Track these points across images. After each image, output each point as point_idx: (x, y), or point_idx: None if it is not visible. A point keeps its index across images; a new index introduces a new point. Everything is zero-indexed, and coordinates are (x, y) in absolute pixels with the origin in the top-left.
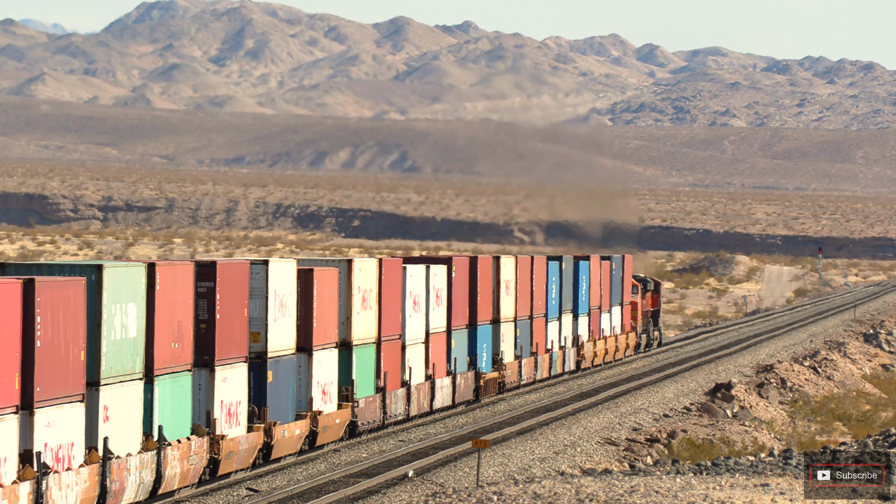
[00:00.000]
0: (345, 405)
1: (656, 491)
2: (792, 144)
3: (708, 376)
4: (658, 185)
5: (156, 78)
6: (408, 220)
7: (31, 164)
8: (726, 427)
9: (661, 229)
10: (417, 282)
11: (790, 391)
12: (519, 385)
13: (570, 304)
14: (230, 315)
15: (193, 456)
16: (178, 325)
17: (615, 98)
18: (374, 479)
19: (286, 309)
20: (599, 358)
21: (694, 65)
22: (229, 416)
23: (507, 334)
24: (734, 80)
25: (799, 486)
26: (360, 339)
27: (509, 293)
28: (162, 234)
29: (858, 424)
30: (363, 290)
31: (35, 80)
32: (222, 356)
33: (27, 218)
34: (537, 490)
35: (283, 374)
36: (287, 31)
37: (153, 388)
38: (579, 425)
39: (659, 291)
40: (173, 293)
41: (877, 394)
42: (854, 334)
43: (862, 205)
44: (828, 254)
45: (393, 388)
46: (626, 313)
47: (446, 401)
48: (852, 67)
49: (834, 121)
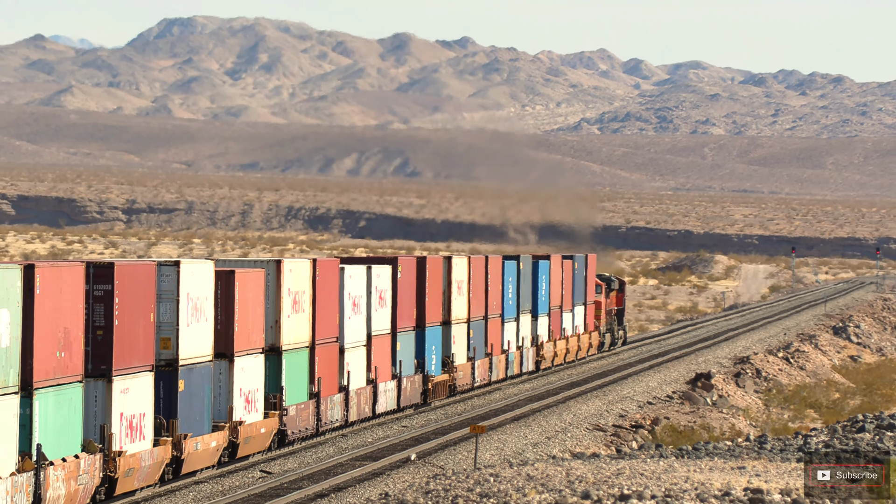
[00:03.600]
0: (272, 414)
1: (641, 473)
2: (767, 151)
3: (689, 367)
4: (643, 189)
5: (176, 90)
6: (410, 221)
7: (61, 169)
8: (706, 414)
9: (645, 230)
10: (357, 283)
11: (765, 381)
12: (472, 387)
13: (528, 304)
14: (132, 320)
15: (83, 475)
16: (64, 333)
17: (603, 108)
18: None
19: (201, 313)
20: (560, 358)
21: (676, 77)
22: (131, 430)
23: (460, 336)
24: (714, 91)
25: (773, 468)
26: (291, 344)
27: (462, 294)
28: (182, 235)
29: (828, 412)
30: (294, 293)
31: (64, 92)
32: (122, 365)
33: (57, 219)
34: (531, 472)
35: (198, 383)
36: (298, 46)
37: (32, 403)
38: (570, 412)
39: (624, 291)
40: (58, 297)
41: (845, 383)
42: (824, 328)
43: (832, 208)
44: (800, 253)
45: (329, 394)
46: (589, 313)
47: (391, 405)
48: (823, 80)
49: (806, 130)
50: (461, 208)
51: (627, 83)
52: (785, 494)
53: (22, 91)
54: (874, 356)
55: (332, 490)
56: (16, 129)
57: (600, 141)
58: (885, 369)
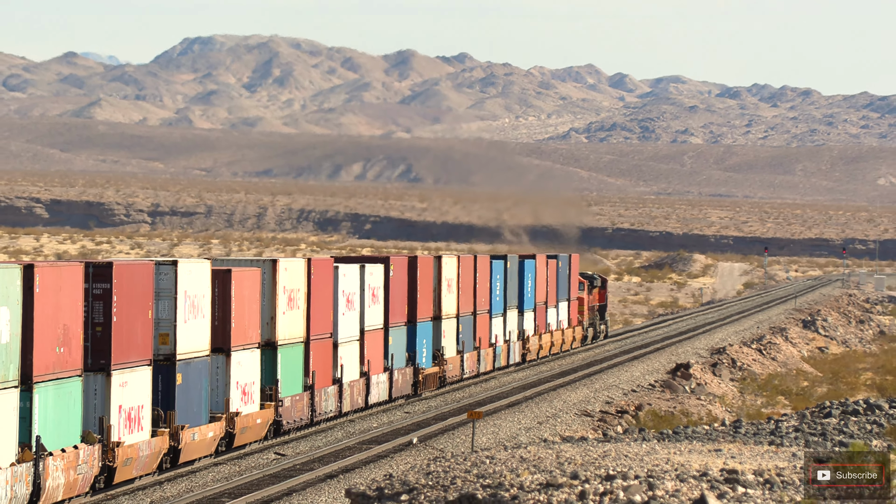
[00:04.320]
0: (267, 405)
1: (625, 455)
2: (741, 159)
3: (669, 357)
4: (627, 193)
5: (196, 102)
6: (412, 223)
7: (91, 176)
8: (685, 401)
9: (629, 231)
10: (351, 281)
11: (739, 370)
12: (461, 378)
13: (515, 300)
14: (130, 317)
15: (82, 465)
16: (63, 329)
17: (590, 119)
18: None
19: (199, 310)
20: (545, 350)
21: (658, 90)
22: (129, 422)
23: (449, 330)
24: (692, 103)
25: (747, 450)
26: (287, 339)
27: (451, 291)
28: (202, 236)
29: (798, 398)
30: (290, 290)
31: (93, 105)
32: (121, 360)
33: (87, 222)
34: (524, 455)
35: (195, 376)
36: (309, 61)
37: (31, 396)
38: (560, 399)
39: (605, 288)
40: (57, 296)
41: (813, 372)
42: (794, 321)
43: (801, 211)
44: (772, 252)
45: (323, 386)
46: (573, 308)
47: (382, 396)
48: (793, 93)
49: (777, 139)
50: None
51: (613, 96)
52: (758, 475)
53: (55, 104)
54: (840, 347)
55: (340, 471)
56: (49, 138)
57: (588, 149)
58: (849, 360)
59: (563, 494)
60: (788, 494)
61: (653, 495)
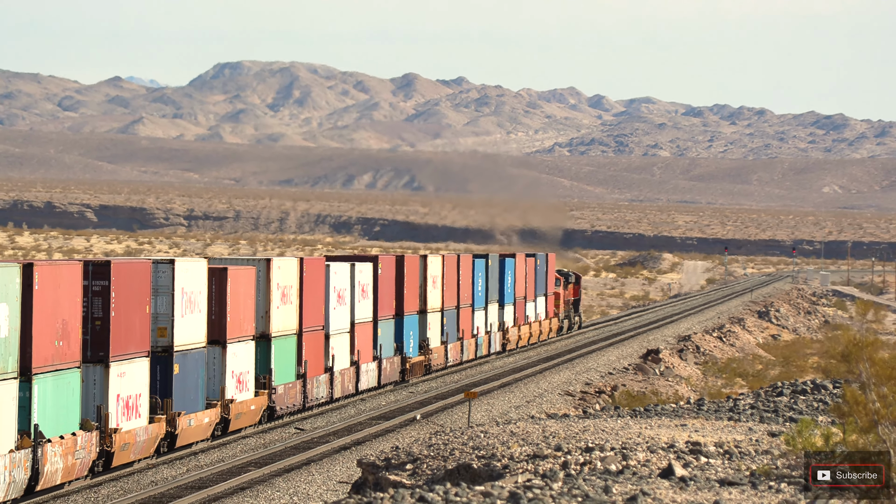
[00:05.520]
0: (261, 392)
1: (602, 430)
2: (704, 170)
3: (641, 344)
4: (604, 200)
5: (226, 120)
6: (416, 226)
7: (134, 185)
8: (655, 382)
9: (606, 233)
10: (342, 278)
11: (703, 355)
12: (445, 366)
13: (496, 295)
14: (128, 312)
15: (80, 450)
16: (62, 324)
17: (572, 135)
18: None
19: (195, 305)
20: (524, 340)
21: (631, 110)
22: (128, 409)
23: (434, 323)
24: (661, 121)
25: (709, 425)
26: (280, 332)
27: (436, 287)
28: (231, 238)
29: (753, 380)
30: (283, 287)
31: (136, 123)
32: (119, 351)
33: (131, 225)
34: (513, 430)
35: (192, 367)
36: (325, 84)
37: (31, 387)
38: (545, 381)
39: (580, 284)
40: (56, 292)
41: (767, 357)
42: (751, 312)
43: (756, 215)
44: (731, 252)
45: (315, 375)
46: (549, 302)
47: (372, 383)
48: (749, 112)
49: (735, 152)
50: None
51: (591, 115)
52: (718, 446)
53: (103, 122)
54: (791, 335)
55: (353, 444)
56: (98, 152)
57: (569, 161)
58: (799, 345)
59: (548, 464)
60: (745, 463)
61: (626, 465)
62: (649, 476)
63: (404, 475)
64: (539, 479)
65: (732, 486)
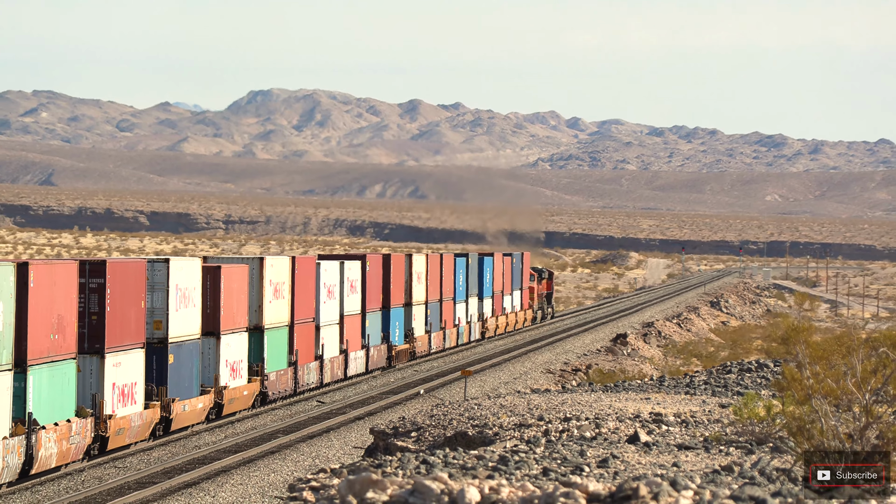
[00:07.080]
0: (254, 379)
1: (578, 402)
2: (665, 181)
3: (612, 329)
4: (580, 207)
5: (259, 139)
6: (419, 229)
7: (180, 194)
8: (623, 362)
9: (581, 235)
10: (332, 275)
11: (664, 339)
12: (429, 353)
13: (475, 289)
14: (124, 307)
15: (75, 436)
16: (58, 319)
17: (553, 151)
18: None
19: (189, 300)
20: (501, 329)
21: (603, 130)
22: (123, 397)
23: (419, 314)
24: (628, 140)
25: (669, 399)
26: (273, 323)
27: (421, 282)
28: (262, 239)
29: (707, 360)
30: (276, 283)
31: (182, 141)
32: (114, 343)
33: (178, 228)
34: (503, 402)
35: (187, 357)
36: (343, 108)
37: (26, 378)
38: (529, 361)
39: (552, 279)
40: (51, 290)
41: (718, 340)
42: (704, 302)
43: (709, 220)
44: (688, 251)
45: (306, 362)
46: (525, 295)
47: (360, 369)
48: (703, 132)
49: (691, 167)
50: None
51: (569, 134)
52: (677, 416)
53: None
54: (738, 322)
55: (366, 414)
56: (149, 166)
57: (550, 174)
58: (745, 331)
59: (531, 432)
60: (699, 431)
61: (599, 432)
62: (618, 442)
63: (410, 441)
64: (524, 444)
65: (689, 450)
